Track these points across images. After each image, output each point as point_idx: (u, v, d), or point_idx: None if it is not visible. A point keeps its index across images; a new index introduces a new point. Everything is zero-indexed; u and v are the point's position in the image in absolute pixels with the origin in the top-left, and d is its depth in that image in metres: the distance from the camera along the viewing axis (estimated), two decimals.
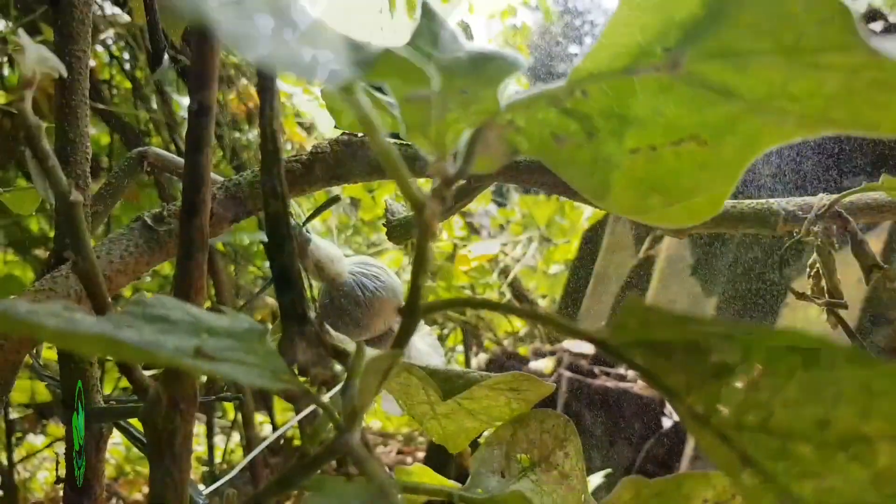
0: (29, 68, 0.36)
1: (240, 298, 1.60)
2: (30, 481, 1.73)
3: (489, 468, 0.36)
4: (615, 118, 0.31)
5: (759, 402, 0.21)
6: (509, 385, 0.43)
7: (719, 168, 0.31)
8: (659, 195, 0.32)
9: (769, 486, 0.22)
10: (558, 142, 0.32)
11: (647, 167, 0.32)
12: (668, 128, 0.31)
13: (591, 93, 0.30)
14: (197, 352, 0.22)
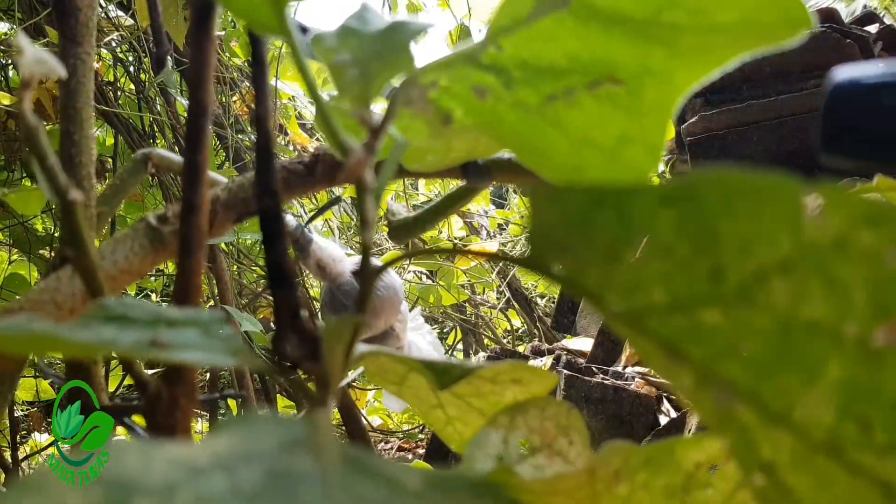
0: (27, 70, 0.37)
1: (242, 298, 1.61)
2: None
3: (486, 451, 0.36)
4: (530, 69, 0.32)
5: (659, 274, 0.19)
6: (511, 376, 0.43)
7: (646, 113, 0.31)
8: (593, 149, 0.32)
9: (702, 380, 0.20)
10: (478, 94, 0.33)
11: (570, 116, 0.32)
12: (582, 71, 0.31)
13: (505, 46, 0.32)
14: (152, 343, 0.23)
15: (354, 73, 0.33)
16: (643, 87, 0.31)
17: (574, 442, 0.42)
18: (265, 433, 0.16)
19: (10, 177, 1.27)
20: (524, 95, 0.33)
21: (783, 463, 0.19)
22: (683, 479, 0.34)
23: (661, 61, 0.30)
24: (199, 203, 0.38)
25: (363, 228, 0.27)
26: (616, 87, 0.31)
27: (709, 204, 0.17)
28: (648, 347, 0.21)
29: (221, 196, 0.57)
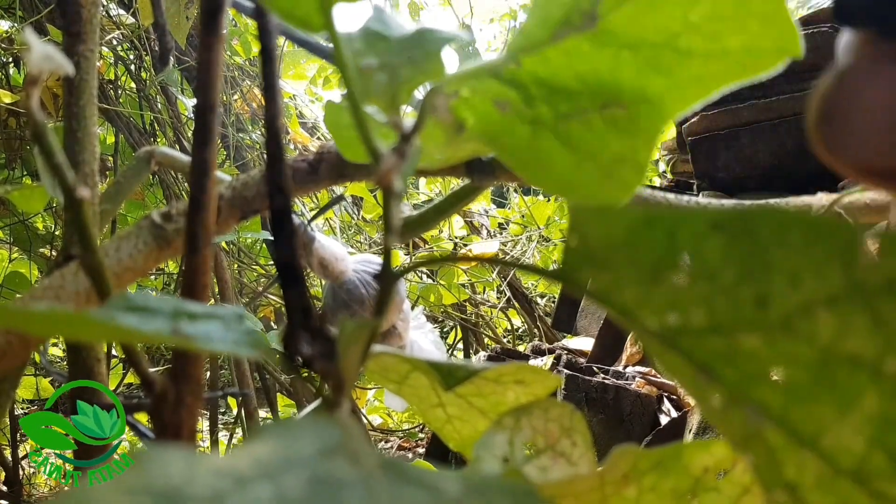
0: (35, 66, 0.37)
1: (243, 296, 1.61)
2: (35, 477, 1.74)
3: (492, 453, 0.36)
4: (548, 88, 0.34)
5: (700, 297, 0.20)
6: (514, 377, 0.43)
7: (638, 135, 0.34)
8: (592, 163, 0.35)
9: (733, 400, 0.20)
10: (500, 107, 0.34)
11: (580, 133, 0.34)
12: (594, 94, 0.34)
13: (526, 64, 0.33)
14: (174, 331, 0.23)
15: (383, 78, 0.33)
16: (639, 113, 0.34)
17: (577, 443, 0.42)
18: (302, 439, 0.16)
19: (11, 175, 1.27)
20: (542, 112, 0.35)
21: (807, 484, 0.20)
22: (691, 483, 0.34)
23: (658, 90, 0.33)
24: (207, 201, 0.38)
25: (387, 233, 0.27)
26: (620, 110, 0.34)
27: (762, 234, 0.18)
28: (679, 365, 0.21)
29: (226, 194, 0.57)
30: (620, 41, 0.32)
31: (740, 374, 0.20)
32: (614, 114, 0.34)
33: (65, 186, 0.35)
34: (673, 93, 0.33)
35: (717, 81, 0.33)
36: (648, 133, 0.34)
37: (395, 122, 0.30)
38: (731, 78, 0.33)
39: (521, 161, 0.37)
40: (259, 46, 0.36)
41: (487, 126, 0.36)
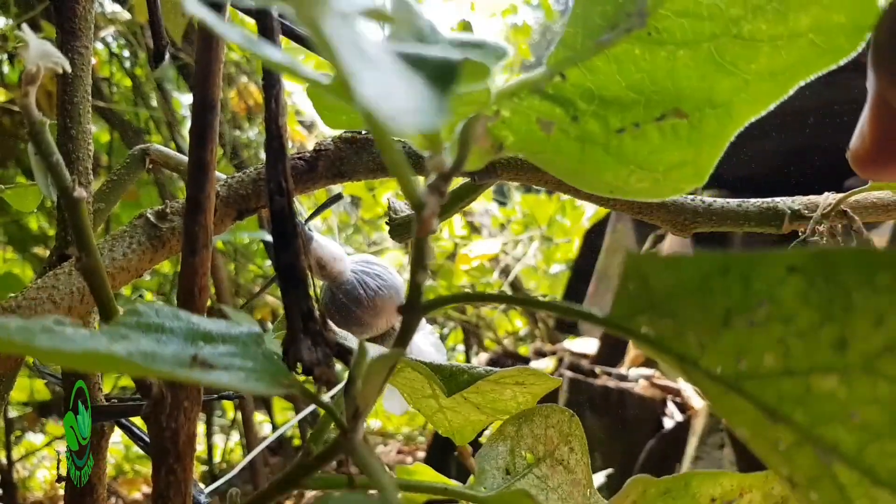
0: (33, 63, 0.36)
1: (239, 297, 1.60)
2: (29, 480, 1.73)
3: (494, 465, 0.36)
4: (596, 100, 0.32)
5: (773, 340, 0.20)
6: (515, 379, 0.43)
7: (704, 142, 0.32)
8: (645, 171, 0.33)
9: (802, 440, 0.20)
10: (544, 127, 0.32)
11: (633, 147, 0.32)
12: (648, 104, 0.31)
13: (570, 76, 0.31)
14: (194, 361, 0.22)
15: None
16: (704, 120, 0.31)
17: (574, 449, 0.42)
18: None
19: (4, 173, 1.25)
20: (591, 128, 0.32)
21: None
22: None
23: (726, 92, 0.30)
24: (205, 201, 0.37)
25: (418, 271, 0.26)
26: (680, 119, 0.31)
27: (846, 276, 0.18)
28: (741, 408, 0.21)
29: (221, 192, 0.56)
30: (676, 38, 0.30)
31: (812, 415, 0.20)
32: (674, 123, 0.31)
33: (61, 186, 0.34)
34: (743, 93, 0.31)
35: (790, 75, 0.30)
36: (715, 139, 0.32)
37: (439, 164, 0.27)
38: (805, 67, 0.30)
39: (565, 171, 0.34)
40: None
41: (530, 144, 0.33)
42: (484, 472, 0.35)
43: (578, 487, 0.37)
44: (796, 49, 0.29)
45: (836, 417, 0.19)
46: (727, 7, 0.29)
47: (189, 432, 0.39)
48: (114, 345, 0.21)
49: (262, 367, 0.25)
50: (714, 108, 0.31)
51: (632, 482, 0.34)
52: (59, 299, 0.51)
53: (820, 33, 0.29)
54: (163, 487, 0.38)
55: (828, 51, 0.29)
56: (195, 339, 0.24)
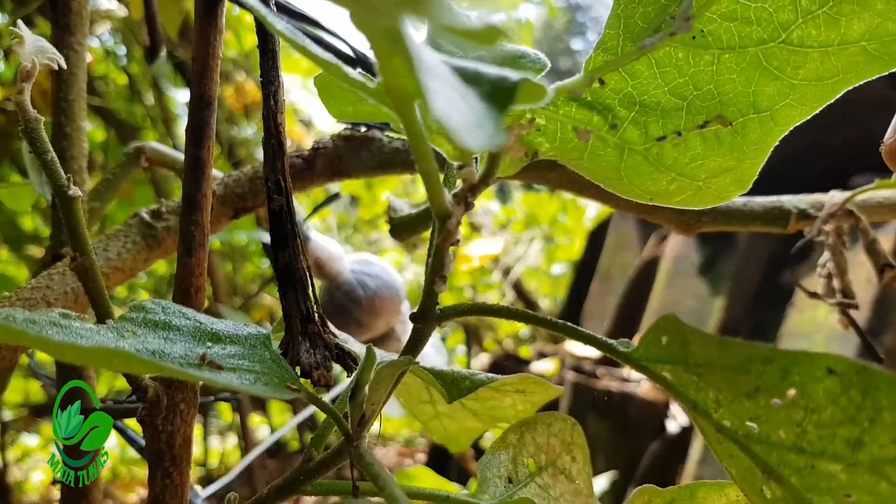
0: (28, 59, 0.35)
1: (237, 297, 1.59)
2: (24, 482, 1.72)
3: (496, 473, 0.35)
4: (636, 106, 0.30)
5: (791, 421, 0.21)
6: (515, 387, 0.42)
7: (746, 149, 0.31)
8: (686, 179, 0.32)
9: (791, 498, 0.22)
10: (581, 136, 0.31)
11: (674, 155, 0.31)
12: (691, 110, 0.30)
13: (609, 82, 0.30)
14: (203, 361, 0.21)
15: None
16: (748, 126, 0.30)
17: (576, 458, 0.41)
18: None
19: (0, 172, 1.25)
20: (631, 136, 0.31)
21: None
22: None
23: (771, 97, 0.30)
24: (201, 199, 0.36)
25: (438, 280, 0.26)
26: (724, 126, 0.30)
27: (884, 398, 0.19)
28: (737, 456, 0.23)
29: (217, 191, 0.55)
30: (721, 42, 0.29)
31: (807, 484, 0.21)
32: (717, 130, 0.30)
33: (56, 185, 0.34)
34: (788, 98, 0.30)
35: (839, 80, 0.29)
36: (759, 146, 0.31)
37: (468, 176, 0.26)
38: (856, 74, 0.29)
39: (603, 177, 0.34)
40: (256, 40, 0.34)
41: (566, 153, 0.32)
42: (486, 480, 0.35)
43: (580, 497, 0.37)
44: (847, 55, 0.28)
45: (830, 493, 0.21)
46: (777, 11, 0.28)
47: (185, 435, 0.38)
48: (121, 341, 0.20)
49: (269, 370, 0.24)
50: (758, 113, 0.30)
51: (637, 493, 0.34)
52: (54, 300, 0.50)
53: (873, 40, 0.28)
54: (159, 491, 0.38)
55: (880, 58, 0.28)
56: (203, 339, 0.23)
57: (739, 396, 0.22)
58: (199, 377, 0.21)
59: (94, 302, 0.33)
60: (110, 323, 0.22)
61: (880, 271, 0.47)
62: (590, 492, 0.39)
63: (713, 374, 0.22)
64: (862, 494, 0.20)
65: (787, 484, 0.22)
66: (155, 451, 0.36)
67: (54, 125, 0.58)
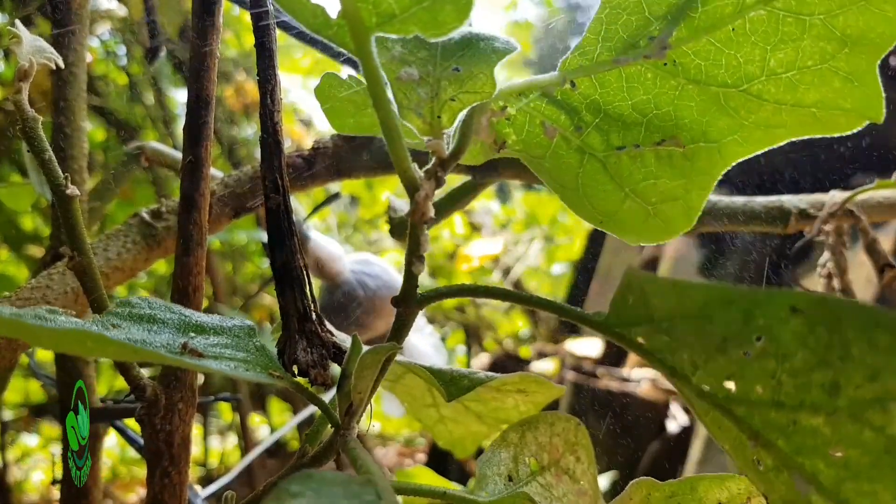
0: (26, 59, 0.35)
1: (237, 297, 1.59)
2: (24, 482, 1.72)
3: (496, 471, 0.35)
4: (602, 115, 0.32)
5: (766, 373, 0.21)
6: (517, 386, 0.42)
7: (694, 176, 0.32)
8: (637, 199, 0.33)
9: (781, 465, 0.21)
10: (548, 132, 0.32)
11: (630, 167, 0.32)
12: (650, 127, 0.32)
13: (580, 85, 0.31)
14: (184, 349, 0.22)
15: (425, 92, 0.30)
16: (697, 153, 0.32)
17: (580, 458, 0.41)
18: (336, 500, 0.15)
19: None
20: (593, 141, 0.33)
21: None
22: None
23: (722, 130, 0.31)
24: (199, 199, 0.36)
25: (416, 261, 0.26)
26: (677, 148, 0.32)
27: (848, 329, 0.19)
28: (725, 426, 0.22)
29: (217, 191, 0.55)
30: (689, 75, 0.30)
31: (794, 445, 0.21)
32: (670, 151, 0.32)
33: (54, 184, 0.34)
34: (737, 136, 0.32)
35: (786, 132, 0.31)
36: (705, 175, 0.32)
37: (437, 148, 0.27)
38: (801, 131, 0.31)
39: (561, 184, 0.35)
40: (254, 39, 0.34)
41: (531, 148, 0.34)
42: (485, 477, 0.34)
43: (584, 498, 0.37)
44: (797, 115, 0.30)
45: (818, 451, 0.20)
46: (745, 63, 0.29)
47: (183, 434, 0.38)
48: (105, 332, 0.20)
49: (253, 359, 0.25)
50: (708, 142, 0.32)
51: (634, 485, 0.33)
52: (53, 299, 0.50)
53: (824, 110, 0.30)
54: (157, 490, 0.38)
55: (826, 124, 0.31)
56: (187, 330, 0.23)
57: (712, 353, 0.21)
58: (180, 363, 0.22)
59: (91, 300, 0.33)
60: (96, 317, 0.22)
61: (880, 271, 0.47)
62: (595, 492, 0.38)
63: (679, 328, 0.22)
64: (848, 448, 0.20)
65: (775, 449, 0.21)
66: (153, 451, 0.36)
67: (54, 125, 0.58)
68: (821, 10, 0.28)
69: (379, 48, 0.30)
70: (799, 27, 0.28)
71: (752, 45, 0.29)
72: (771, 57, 0.29)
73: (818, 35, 0.28)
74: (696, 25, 0.29)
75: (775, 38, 0.29)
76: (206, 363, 0.22)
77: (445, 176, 0.27)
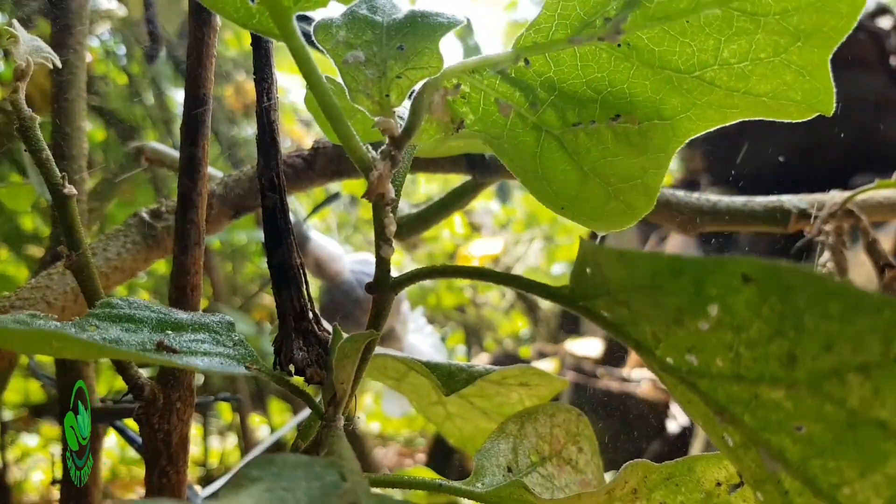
0: (23, 58, 0.35)
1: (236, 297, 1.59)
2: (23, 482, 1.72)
3: (495, 462, 0.35)
4: (556, 92, 0.32)
5: (724, 345, 0.20)
6: (519, 379, 0.42)
7: (650, 154, 0.32)
8: (598, 181, 0.33)
9: (750, 442, 0.21)
10: (502, 109, 0.32)
11: (587, 144, 0.33)
12: (604, 105, 0.32)
13: (534, 63, 0.31)
14: (160, 346, 0.22)
15: (372, 73, 0.30)
16: (652, 130, 0.32)
17: (583, 449, 0.41)
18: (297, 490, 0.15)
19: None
20: (548, 119, 0.33)
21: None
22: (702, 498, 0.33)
23: (675, 108, 0.32)
24: (197, 198, 0.36)
25: (383, 244, 0.26)
26: (632, 125, 0.32)
27: (800, 298, 0.18)
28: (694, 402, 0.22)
29: (217, 190, 0.55)
30: (643, 59, 0.30)
31: (759, 421, 0.20)
32: (626, 128, 0.32)
33: (51, 183, 0.34)
34: (690, 114, 0.32)
35: (737, 114, 0.31)
36: (660, 153, 0.32)
37: (386, 126, 0.27)
38: (752, 114, 0.31)
39: (522, 168, 0.35)
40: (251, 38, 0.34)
41: (488, 127, 0.34)
42: (483, 468, 0.34)
43: (588, 488, 0.36)
44: (749, 101, 0.31)
45: (782, 427, 0.20)
46: (699, 52, 0.30)
47: (182, 434, 0.38)
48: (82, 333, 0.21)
49: (230, 353, 0.25)
50: (661, 119, 0.32)
51: (629, 467, 0.33)
52: (53, 299, 0.50)
53: (775, 100, 0.30)
54: (156, 490, 0.38)
55: (777, 111, 0.31)
56: (164, 328, 0.24)
57: (670, 325, 0.21)
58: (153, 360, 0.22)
59: (89, 299, 0.33)
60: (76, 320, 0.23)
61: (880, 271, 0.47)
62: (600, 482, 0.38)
63: (636, 299, 0.21)
64: (811, 423, 0.19)
65: (741, 425, 0.21)
66: (152, 450, 0.36)
67: (54, 125, 0.58)
68: (776, 9, 0.28)
69: (323, 35, 0.30)
70: (754, 23, 0.29)
71: (706, 36, 0.29)
72: (724, 48, 0.29)
73: (772, 30, 0.28)
74: (650, 14, 0.29)
75: (729, 31, 0.29)
76: (178, 359, 0.22)
77: (400, 154, 0.27)
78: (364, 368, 0.27)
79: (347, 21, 0.31)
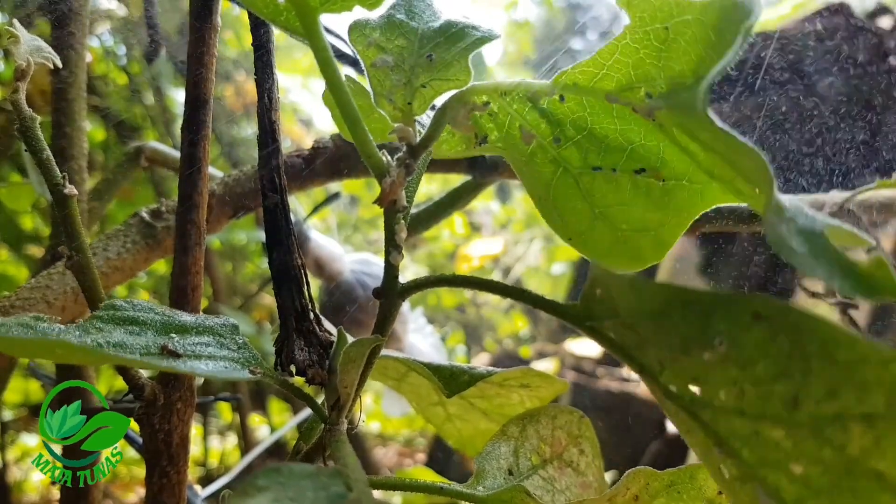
0: (23, 58, 0.35)
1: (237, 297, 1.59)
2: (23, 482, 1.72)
3: (496, 465, 0.35)
4: (585, 133, 0.31)
5: (729, 379, 0.20)
6: (520, 381, 0.42)
7: (670, 211, 0.32)
8: (605, 224, 0.33)
9: (746, 477, 0.21)
10: (524, 137, 0.32)
11: (604, 189, 0.32)
12: (632, 155, 0.31)
13: (570, 101, 0.31)
14: (163, 350, 0.22)
15: (398, 79, 0.30)
16: (679, 189, 0.32)
17: (585, 451, 0.40)
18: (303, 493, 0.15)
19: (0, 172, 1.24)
20: (570, 156, 0.32)
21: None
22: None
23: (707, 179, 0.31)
24: (197, 199, 0.36)
25: (392, 250, 0.26)
26: (657, 181, 0.32)
27: (809, 342, 0.18)
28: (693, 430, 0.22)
29: (217, 190, 0.55)
30: (674, 140, 0.30)
31: (758, 457, 0.20)
32: (648, 182, 0.32)
33: (51, 183, 0.34)
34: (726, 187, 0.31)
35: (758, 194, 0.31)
36: (682, 212, 0.32)
37: (404, 134, 0.27)
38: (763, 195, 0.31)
39: (536, 194, 0.34)
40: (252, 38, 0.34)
41: (510, 150, 0.33)
42: (484, 472, 0.34)
43: (589, 490, 0.36)
44: None
45: (780, 466, 0.20)
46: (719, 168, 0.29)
47: (182, 434, 0.38)
48: (84, 337, 0.21)
49: (234, 356, 0.25)
50: (691, 183, 0.32)
51: (631, 474, 0.33)
52: (53, 299, 0.50)
53: None
54: (156, 490, 0.38)
55: None
56: (168, 331, 0.24)
57: (676, 353, 0.21)
58: (157, 365, 0.22)
59: (89, 299, 0.33)
60: (79, 322, 0.22)
61: None
62: (602, 485, 0.38)
63: (643, 325, 0.22)
64: (809, 465, 0.19)
65: (739, 459, 0.21)
66: (152, 450, 0.36)
67: (54, 125, 0.58)
68: None
69: (357, 34, 0.30)
70: None
71: None
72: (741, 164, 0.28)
73: None
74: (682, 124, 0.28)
75: None
76: (181, 364, 0.22)
77: (416, 163, 0.27)
78: (368, 373, 0.27)
79: (383, 24, 0.31)
